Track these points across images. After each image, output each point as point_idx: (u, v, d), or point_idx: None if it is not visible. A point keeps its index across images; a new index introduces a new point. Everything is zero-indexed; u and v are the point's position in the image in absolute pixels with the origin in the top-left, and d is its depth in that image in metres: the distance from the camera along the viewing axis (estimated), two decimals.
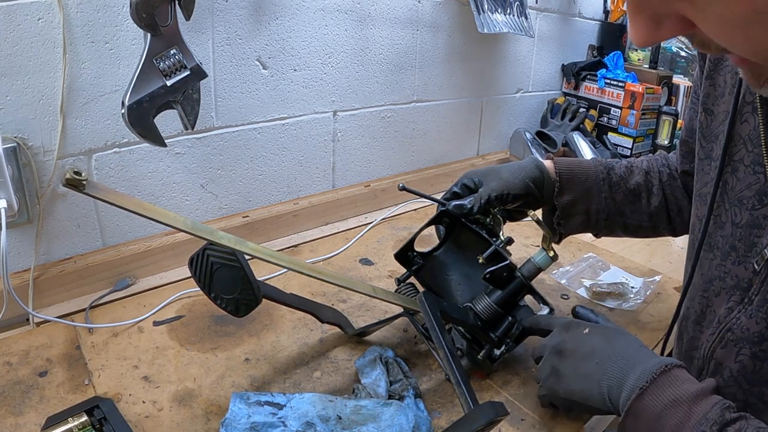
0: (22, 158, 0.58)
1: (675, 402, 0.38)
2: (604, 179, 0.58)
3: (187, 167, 0.73)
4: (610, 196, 0.58)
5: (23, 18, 0.55)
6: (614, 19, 1.37)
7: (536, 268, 0.54)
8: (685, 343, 0.49)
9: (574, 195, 0.57)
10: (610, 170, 0.59)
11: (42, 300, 0.62)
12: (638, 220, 0.60)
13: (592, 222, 0.59)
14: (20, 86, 0.57)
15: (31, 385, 0.51)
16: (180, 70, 0.57)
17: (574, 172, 0.58)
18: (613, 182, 0.59)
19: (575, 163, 0.59)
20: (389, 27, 0.90)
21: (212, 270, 0.48)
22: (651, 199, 0.59)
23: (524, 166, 0.58)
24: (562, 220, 0.58)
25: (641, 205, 0.59)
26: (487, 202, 0.54)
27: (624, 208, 0.59)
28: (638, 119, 1.18)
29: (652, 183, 0.60)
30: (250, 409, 0.48)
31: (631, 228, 0.60)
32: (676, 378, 0.39)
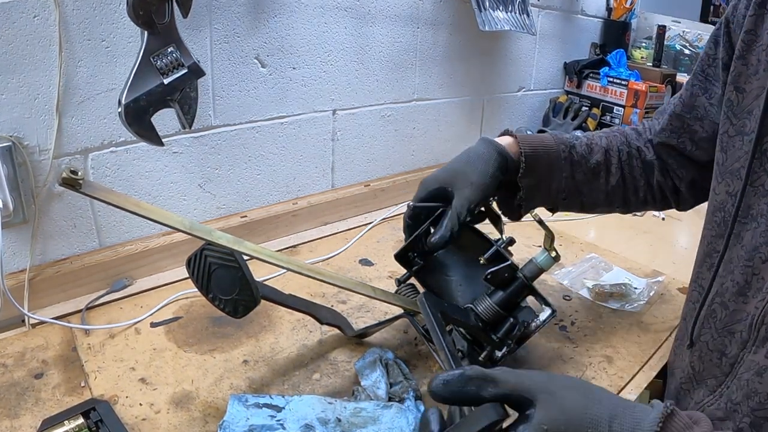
0: (18, 158, 0.58)
1: None
2: (566, 158, 0.57)
3: (185, 167, 0.73)
4: (570, 176, 0.57)
5: (19, 15, 0.54)
6: (617, 17, 1.36)
7: (538, 269, 0.53)
8: (722, 320, 0.46)
9: (538, 175, 0.56)
10: (571, 149, 0.57)
11: (38, 301, 0.61)
12: (595, 199, 0.59)
13: (551, 200, 0.58)
14: (15, 85, 0.56)
15: (26, 387, 0.50)
16: (177, 68, 0.56)
17: (537, 152, 0.55)
18: (574, 161, 0.57)
19: (537, 141, 0.56)
20: (389, 25, 0.90)
21: (210, 270, 0.47)
22: (609, 178, 0.58)
23: (486, 157, 0.53)
24: (524, 201, 0.57)
25: (599, 183, 0.58)
26: (467, 216, 0.51)
27: (583, 187, 0.58)
28: (641, 118, 1.17)
29: (611, 162, 0.58)
30: (249, 412, 0.47)
31: (587, 206, 0.60)
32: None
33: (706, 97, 0.52)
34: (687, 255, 0.69)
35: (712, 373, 0.44)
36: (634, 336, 0.65)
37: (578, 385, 0.34)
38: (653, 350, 0.62)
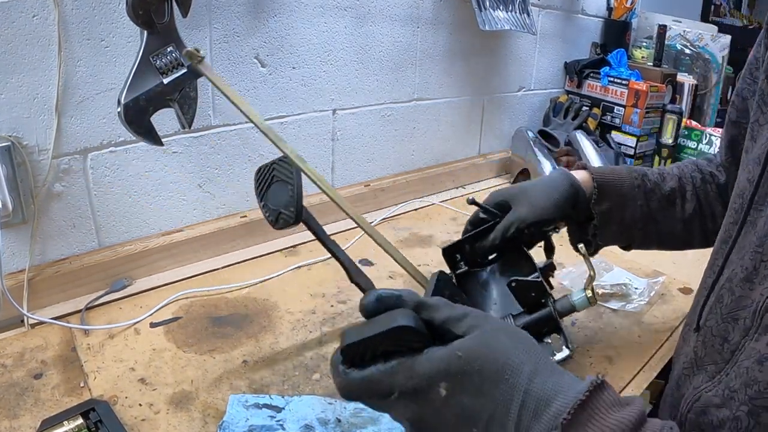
0: (17, 157, 0.57)
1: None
2: (639, 186, 0.56)
3: (184, 166, 0.72)
4: (645, 203, 0.56)
5: (18, 15, 0.54)
6: (618, 16, 1.36)
7: (570, 307, 0.51)
8: (727, 306, 0.45)
9: (611, 203, 0.55)
10: (644, 176, 0.58)
11: (37, 301, 0.61)
12: (671, 228, 0.58)
13: (627, 231, 0.57)
14: (15, 84, 0.56)
15: (25, 388, 0.50)
16: (177, 67, 0.56)
17: (609, 180, 0.56)
18: (648, 189, 0.57)
19: (608, 170, 0.57)
20: (389, 24, 0.89)
21: (272, 181, 0.51)
22: (685, 205, 0.57)
23: (557, 184, 0.54)
24: (599, 230, 0.56)
25: (675, 211, 0.57)
26: (514, 232, 0.52)
27: (658, 215, 0.57)
28: (642, 118, 1.16)
29: (685, 188, 0.58)
30: (248, 412, 0.47)
31: (665, 236, 0.58)
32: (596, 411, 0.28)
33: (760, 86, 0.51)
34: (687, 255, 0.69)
35: (713, 359, 0.43)
36: (634, 336, 0.64)
37: (514, 333, 0.31)
38: (654, 350, 0.62)
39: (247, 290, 0.69)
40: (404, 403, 0.30)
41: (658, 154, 1.21)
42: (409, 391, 0.30)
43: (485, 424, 0.29)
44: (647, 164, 1.24)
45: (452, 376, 0.29)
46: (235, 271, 0.73)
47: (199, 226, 0.75)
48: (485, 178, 1.18)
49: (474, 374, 0.29)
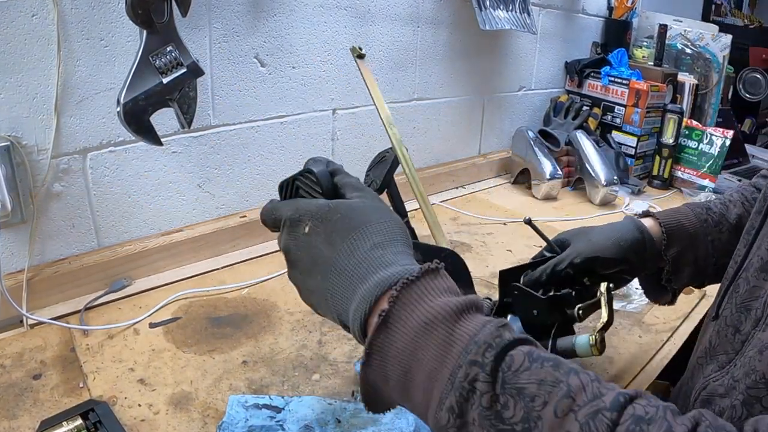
0: (16, 157, 0.57)
1: (427, 326, 0.28)
2: (706, 221, 0.55)
3: (184, 166, 0.72)
4: (717, 238, 0.54)
5: (17, 14, 0.54)
6: (618, 16, 1.36)
7: (571, 348, 0.48)
8: (741, 295, 0.45)
9: (682, 245, 0.54)
10: (708, 211, 0.56)
11: (36, 301, 0.61)
12: None
13: (701, 269, 0.55)
14: (14, 84, 0.56)
15: (24, 388, 0.50)
16: (176, 67, 0.56)
17: (677, 222, 0.54)
18: (715, 221, 0.55)
19: (673, 212, 0.56)
20: (389, 24, 0.89)
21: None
22: None
23: (620, 226, 0.54)
24: (673, 275, 0.54)
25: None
26: (566, 268, 0.51)
27: (730, 246, 0.54)
28: (643, 117, 1.16)
29: (750, 212, 0.55)
30: (248, 413, 0.47)
31: None
32: (424, 291, 0.29)
33: None
34: None
35: (725, 348, 0.43)
36: (635, 336, 0.64)
37: (388, 216, 0.34)
38: (654, 351, 0.62)
39: (246, 290, 0.69)
40: (285, 232, 0.36)
41: (658, 154, 1.21)
42: (287, 221, 0.35)
43: (327, 271, 0.33)
44: (648, 164, 1.23)
45: (315, 219, 0.34)
46: (235, 271, 0.73)
47: (199, 226, 0.75)
48: (485, 178, 1.18)
49: (331, 223, 0.33)
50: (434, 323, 0.29)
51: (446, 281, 0.31)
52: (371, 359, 0.30)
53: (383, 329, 0.29)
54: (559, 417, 0.26)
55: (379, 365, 0.30)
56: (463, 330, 0.29)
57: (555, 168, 1.07)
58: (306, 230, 0.34)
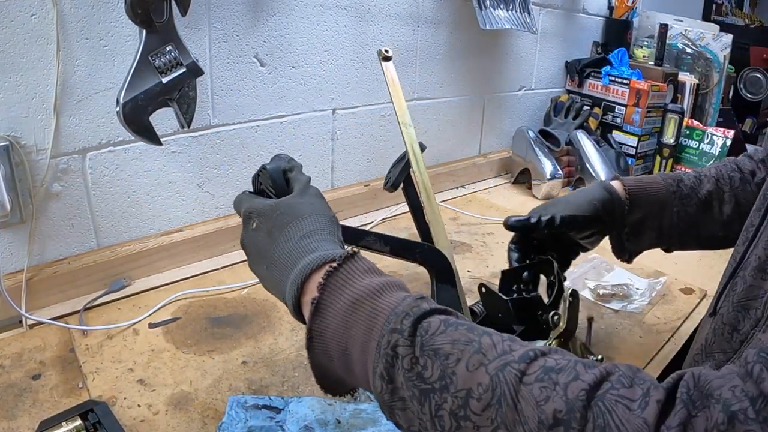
0: (15, 157, 0.57)
1: (354, 305, 0.32)
2: (675, 192, 0.57)
3: (183, 166, 0.72)
4: (682, 209, 0.56)
5: (16, 14, 0.54)
6: (619, 15, 1.36)
7: None
8: (739, 294, 0.45)
9: (645, 212, 0.56)
10: (679, 182, 0.58)
11: (35, 302, 0.61)
12: (711, 231, 0.57)
13: (665, 237, 0.57)
14: (13, 83, 0.56)
15: (24, 389, 0.50)
16: (176, 67, 0.56)
17: (643, 189, 0.57)
18: (684, 194, 0.57)
19: (644, 180, 0.58)
20: (389, 23, 0.89)
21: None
22: (723, 207, 0.57)
23: (589, 189, 0.57)
24: (632, 236, 0.57)
25: (713, 214, 0.57)
26: (553, 222, 0.53)
27: (697, 219, 0.57)
28: (643, 117, 1.16)
29: (723, 190, 0.57)
30: (248, 414, 0.47)
31: (705, 239, 0.58)
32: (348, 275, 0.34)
33: None
34: (689, 255, 0.69)
35: (722, 347, 0.43)
36: (635, 337, 0.64)
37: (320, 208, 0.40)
38: (655, 351, 0.62)
39: (246, 291, 0.69)
40: (242, 228, 0.42)
41: (659, 154, 1.20)
42: (243, 218, 0.42)
43: (269, 261, 0.38)
44: (649, 164, 1.23)
45: (261, 216, 0.40)
46: (234, 271, 0.73)
47: (198, 226, 0.75)
48: (486, 178, 1.18)
49: (272, 219, 0.39)
50: (360, 301, 0.33)
51: (366, 263, 0.36)
52: (312, 343, 0.34)
53: (317, 314, 0.33)
54: (470, 371, 0.28)
55: (321, 347, 0.34)
56: (385, 304, 0.32)
57: (555, 168, 1.07)
58: (254, 226, 0.40)
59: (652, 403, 0.25)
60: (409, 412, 0.30)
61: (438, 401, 0.29)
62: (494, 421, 0.27)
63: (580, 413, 0.25)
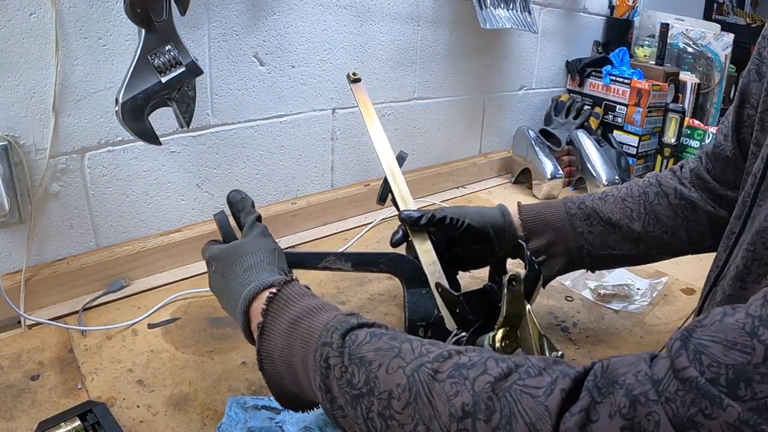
0: (14, 157, 0.57)
1: (293, 325, 0.37)
2: (575, 214, 0.57)
3: (183, 166, 0.72)
4: (586, 231, 0.56)
5: (15, 13, 0.54)
6: (620, 15, 1.35)
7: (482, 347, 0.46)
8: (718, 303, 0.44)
9: (548, 238, 0.56)
10: (580, 204, 0.58)
11: (34, 302, 0.61)
12: (624, 249, 0.56)
13: (576, 261, 0.57)
14: (11, 83, 0.55)
15: (22, 389, 0.50)
16: (175, 66, 0.56)
17: (539, 215, 0.57)
18: (586, 215, 0.57)
19: (542, 206, 0.59)
20: (389, 22, 0.89)
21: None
22: (632, 224, 0.56)
23: (487, 208, 0.59)
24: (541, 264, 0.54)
25: (623, 233, 0.56)
26: (437, 218, 0.54)
27: (606, 239, 0.56)
28: (644, 117, 1.16)
29: (630, 209, 0.57)
30: (247, 414, 0.47)
31: (620, 258, 0.58)
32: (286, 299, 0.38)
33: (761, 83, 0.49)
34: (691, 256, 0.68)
35: None
36: (636, 337, 0.64)
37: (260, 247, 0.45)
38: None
39: None
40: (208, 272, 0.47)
41: (660, 154, 1.20)
42: (205, 262, 0.47)
43: (226, 296, 0.43)
44: (650, 163, 1.23)
45: (216, 260, 0.45)
46: None
47: (198, 226, 0.75)
48: (486, 178, 1.17)
49: (222, 262, 0.45)
50: (297, 321, 0.37)
51: (301, 288, 0.40)
52: (263, 364, 0.38)
53: (263, 337, 0.38)
54: (390, 373, 0.31)
55: (270, 366, 0.38)
56: (319, 321, 0.36)
57: (556, 168, 1.07)
58: (213, 269, 0.46)
59: (556, 392, 0.26)
60: (348, 418, 0.33)
61: (367, 404, 0.32)
62: (413, 417, 0.29)
63: (485, 404, 0.27)
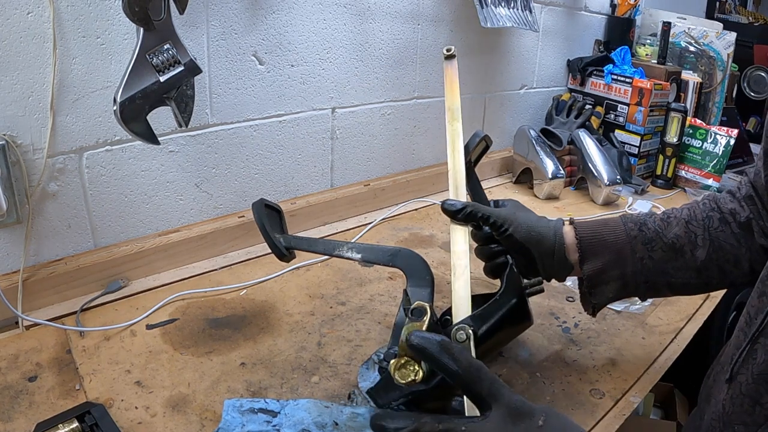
0: (11, 156, 0.57)
1: None
2: (636, 237, 0.51)
3: (181, 166, 0.72)
4: (646, 256, 0.50)
5: (12, 12, 0.54)
6: (621, 13, 1.35)
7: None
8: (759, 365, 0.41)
9: (603, 260, 0.50)
10: (642, 225, 0.52)
11: (31, 302, 0.60)
12: (684, 278, 0.51)
13: (630, 287, 0.51)
14: (9, 82, 0.55)
15: (20, 391, 0.50)
16: (174, 65, 0.56)
17: (598, 235, 0.51)
18: (648, 238, 0.51)
19: (600, 224, 0.52)
20: (389, 21, 0.88)
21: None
22: (696, 251, 0.50)
23: (542, 218, 0.52)
24: (592, 289, 0.51)
25: (685, 260, 0.51)
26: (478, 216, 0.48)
27: (665, 266, 0.51)
28: (646, 116, 1.15)
29: (694, 233, 0.51)
30: (244, 418, 0.46)
31: (678, 286, 0.52)
32: None
33: None
34: None
35: (742, 419, 0.40)
36: (638, 338, 0.63)
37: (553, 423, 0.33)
38: (658, 353, 0.61)
39: (244, 291, 0.68)
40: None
41: (662, 153, 1.20)
42: None
43: None
44: (651, 163, 1.22)
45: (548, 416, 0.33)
46: (233, 272, 0.73)
47: (196, 227, 0.74)
48: (487, 177, 1.17)
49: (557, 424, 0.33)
50: None
51: None
52: None
53: None
54: None
55: None
56: None
57: (557, 167, 1.06)
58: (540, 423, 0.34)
59: None
60: None
61: None
62: None
63: None
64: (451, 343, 0.35)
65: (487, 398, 0.34)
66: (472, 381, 0.34)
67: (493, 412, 0.33)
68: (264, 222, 0.56)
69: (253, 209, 0.57)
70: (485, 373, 0.34)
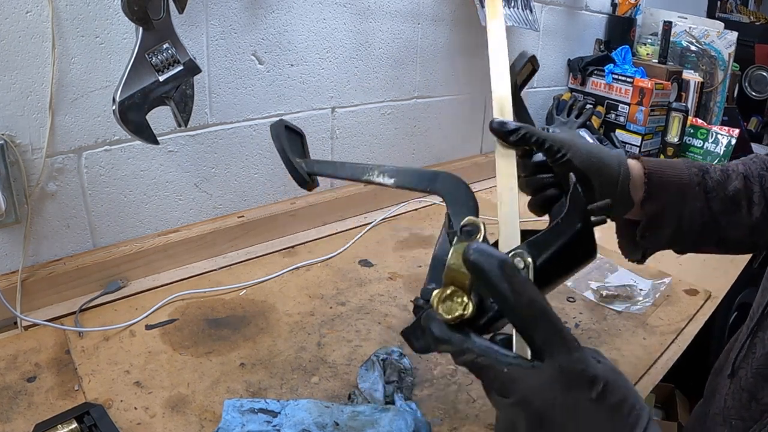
0: (10, 156, 0.57)
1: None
2: (699, 183, 0.47)
3: (181, 166, 0.71)
4: (706, 205, 0.47)
5: (11, 11, 0.53)
6: (622, 13, 1.34)
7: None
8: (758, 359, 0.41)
9: (665, 201, 0.46)
10: (705, 173, 0.48)
11: (30, 303, 0.60)
12: (737, 234, 0.48)
13: (683, 235, 0.48)
14: (8, 82, 0.55)
15: (19, 391, 0.50)
16: (173, 65, 0.56)
17: (665, 174, 0.47)
18: (709, 187, 0.47)
19: (666, 164, 0.48)
20: (390, 20, 0.88)
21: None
22: (752, 208, 0.48)
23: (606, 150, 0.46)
24: (648, 231, 0.47)
25: (741, 215, 0.48)
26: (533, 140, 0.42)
27: (721, 219, 0.48)
28: (647, 116, 1.15)
29: (752, 190, 0.48)
30: (244, 418, 0.46)
31: (728, 243, 0.49)
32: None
33: None
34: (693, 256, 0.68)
35: (740, 414, 0.40)
36: (639, 338, 0.63)
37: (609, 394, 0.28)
38: (659, 353, 0.61)
39: (244, 292, 0.68)
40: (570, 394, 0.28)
41: (663, 153, 1.19)
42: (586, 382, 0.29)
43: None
44: None
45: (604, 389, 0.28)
46: (232, 272, 0.72)
47: (196, 227, 0.74)
48: (487, 177, 1.17)
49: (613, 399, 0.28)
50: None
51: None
52: None
53: None
54: None
55: None
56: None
57: None
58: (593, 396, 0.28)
59: None
60: None
61: None
62: None
63: None
64: (515, 268, 0.27)
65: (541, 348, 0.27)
66: (529, 325, 0.27)
67: (545, 365, 0.27)
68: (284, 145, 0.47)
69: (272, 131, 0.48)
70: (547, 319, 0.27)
